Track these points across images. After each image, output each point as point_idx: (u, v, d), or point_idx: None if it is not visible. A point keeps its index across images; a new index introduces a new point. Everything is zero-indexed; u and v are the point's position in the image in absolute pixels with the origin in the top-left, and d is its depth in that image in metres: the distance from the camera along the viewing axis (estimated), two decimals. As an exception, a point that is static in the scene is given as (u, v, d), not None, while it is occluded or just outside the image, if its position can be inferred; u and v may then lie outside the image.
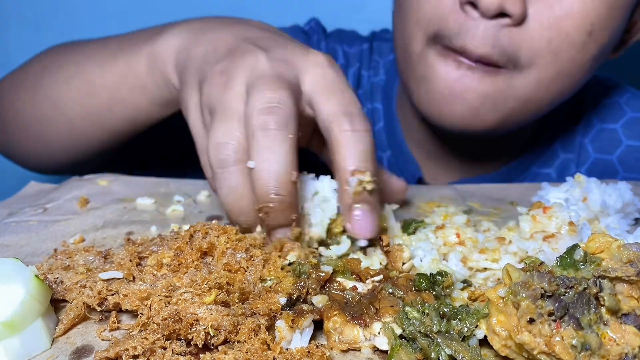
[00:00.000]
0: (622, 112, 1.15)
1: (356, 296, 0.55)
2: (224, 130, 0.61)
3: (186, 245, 0.58)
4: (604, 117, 1.15)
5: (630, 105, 1.15)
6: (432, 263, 0.61)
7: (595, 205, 0.71)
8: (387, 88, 1.21)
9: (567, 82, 0.93)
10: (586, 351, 0.45)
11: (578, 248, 0.50)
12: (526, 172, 1.15)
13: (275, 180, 0.58)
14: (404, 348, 0.49)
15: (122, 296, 0.54)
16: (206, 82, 0.67)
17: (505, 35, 0.85)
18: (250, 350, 0.48)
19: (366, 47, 1.26)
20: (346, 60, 1.24)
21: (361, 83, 1.24)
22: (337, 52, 1.25)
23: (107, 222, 0.78)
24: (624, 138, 1.13)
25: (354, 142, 0.61)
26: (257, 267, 0.56)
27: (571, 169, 1.15)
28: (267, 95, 0.60)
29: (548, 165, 1.15)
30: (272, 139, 0.59)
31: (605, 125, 1.15)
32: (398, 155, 1.18)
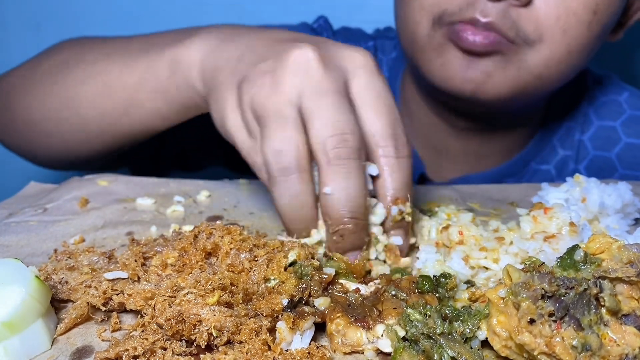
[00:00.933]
0: (621, 110, 1.16)
1: (359, 298, 0.55)
2: (282, 137, 0.61)
3: (190, 246, 0.58)
4: (603, 115, 1.17)
5: (630, 103, 1.17)
6: (435, 264, 0.61)
7: (594, 206, 0.71)
8: (391, 84, 1.22)
9: (575, 60, 0.95)
10: (586, 352, 0.45)
11: (578, 249, 0.50)
12: (526, 168, 1.16)
13: (352, 205, 0.60)
14: (407, 350, 0.49)
15: (127, 296, 0.54)
16: (247, 82, 0.65)
17: (513, 12, 0.88)
18: (250, 350, 0.48)
19: (371, 45, 1.27)
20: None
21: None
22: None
23: (107, 222, 0.78)
24: (623, 136, 1.15)
25: (398, 170, 0.63)
26: (261, 268, 0.56)
27: (570, 166, 1.16)
28: (336, 123, 0.60)
29: (547, 162, 1.16)
30: (348, 167, 0.60)
31: (604, 122, 1.16)
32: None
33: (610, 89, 1.19)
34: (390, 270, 0.64)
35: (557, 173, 1.16)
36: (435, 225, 0.69)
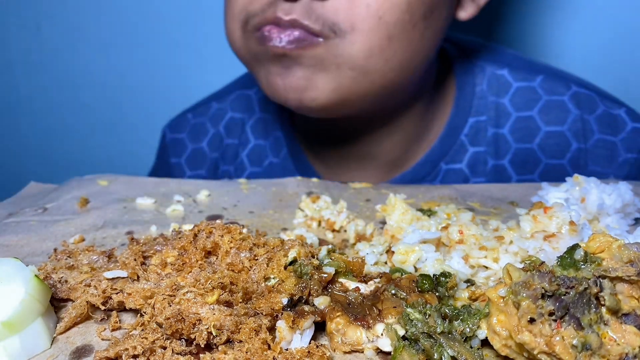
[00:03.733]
0: (536, 97, 1.10)
1: (359, 297, 0.55)
2: None
3: (190, 245, 0.58)
4: (519, 105, 1.10)
5: (545, 88, 1.10)
6: (435, 263, 0.61)
7: (593, 206, 0.71)
8: (283, 114, 1.20)
9: (403, 46, 0.89)
10: (586, 351, 0.45)
11: (578, 248, 0.50)
12: (436, 169, 1.12)
13: None
14: (407, 349, 0.49)
15: (127, 295, 0.54)
16: None
17: (318, 6, 0.84)
18: (250, 350, 0.48)
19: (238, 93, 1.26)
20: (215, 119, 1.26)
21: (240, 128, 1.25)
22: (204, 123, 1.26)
23: (107, 222, 0.78)
24: (542, 124, 1.09)
25: None
26: (261, 266, 0.56)
27: (488, 162, 1.11)
28: None
29: (458, 161, 1.11)
30: None
31: (521, 113, 1.10)
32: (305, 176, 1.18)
33: (523, 75, 1.12)
34: (390, 269, 0.64)
35: (471, 171, 1.11)
36: (435, 224, 0.68)
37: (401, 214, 0.71)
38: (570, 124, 1.09)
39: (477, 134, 1.11)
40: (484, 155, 1.11)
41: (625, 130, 1.07)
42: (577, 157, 1.09)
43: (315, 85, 0.89)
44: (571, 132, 1.09)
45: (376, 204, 0.84)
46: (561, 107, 1.09)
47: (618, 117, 1.08)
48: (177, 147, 1.27)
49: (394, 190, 0.90)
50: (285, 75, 0.89)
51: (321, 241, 0.73)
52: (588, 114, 1.09)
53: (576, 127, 1.08)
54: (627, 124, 1.07)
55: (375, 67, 0.89)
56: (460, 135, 1.11)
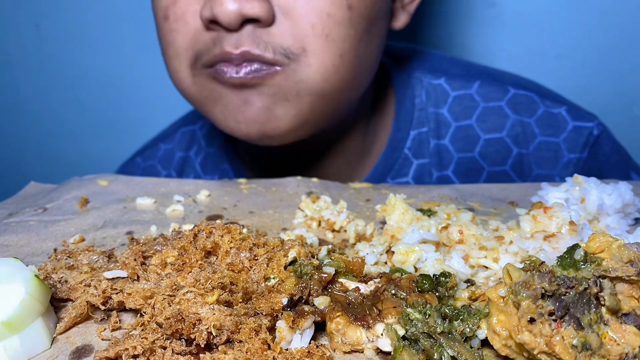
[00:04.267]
0: (474, 105, 1.09)
1: (359, 297, 0.55)
2: None
3: (190, 245, 0.58)
4: (457, 114, 1.09)
5: (482, 94, 1.09)
6: (435, 263, 0.61)
7: (592, 207, 0.71)
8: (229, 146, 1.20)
9: (354, 62, 0.88)
10: (586, 351, 0.45)
11: (578, 248, 0.50)
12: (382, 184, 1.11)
13: None
14: (407, 349, 0.49)
15: (127, 295, 0.54)
16: None
17: (263, 33, 0.82)
18: (250, 350, 0.48)
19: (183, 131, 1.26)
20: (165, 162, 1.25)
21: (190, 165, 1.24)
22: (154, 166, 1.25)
23: (107, 222, 0.78)
24: (480, 133, 1.08)
25: None
26: (261, 266, 0.56)
27: (433, 174, 1.10)
28: None
29: (404, 174, 1.11)
30: None
31: (460, 122, 1.09)
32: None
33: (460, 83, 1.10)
34: (390, 269, 0.64)
35: (416, 183, 1.10)
36: (435, 224, 0.68)
37: (401, 214, 0.71)
38: (509, 130, 1.08)
39: (420, 145, 1.10)
40: (429, 167, 1.10)
41: (567, 129, 1.06)
42: (519, 162, 1.08)
43: (276, 115, 0.88)
44: (510, 138, 1.08)
45: (376, 204, 0.84)
46: (499, 113, 1.08)
47: (559, 117, 1.07)
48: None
49: (394, 190, 0.90)
50: (245, 108, 0.87)
51: (321, 241, 0.73)
52: (528, 117, 1.08)
53: (515, 132, 1.08)
54: (568, 123, 1.06)
55: (332, 87, 0.88)
56: (404, 149, 1.10)
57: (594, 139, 1.06)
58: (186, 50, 0.87)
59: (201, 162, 1.24)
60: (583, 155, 1.06)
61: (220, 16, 0.79)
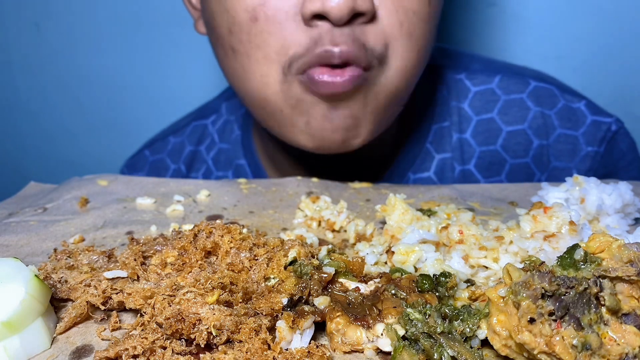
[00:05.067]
0: (495, 98, 1.09)
1: (359, 297, 0.55)
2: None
3: (190, 245, 0.58)
4: (478, 108, 1.09)
5: (503, 87, 1.09)
6: (435, 263, 0.61)
7: (592, 207, 0.71)
8: (245, 142, 1.19)
9: (424, 59, 0.89)
10: (586, 351, 0.45)
11: (578, 248, 0.50)
12: (404, 180, 1.11)
13: None
14: (407, 349, 0.49)
15: (126, 295, 0.54)
16: None
17: (360, 32, 0.80)
18: (250, 349, 0.48)
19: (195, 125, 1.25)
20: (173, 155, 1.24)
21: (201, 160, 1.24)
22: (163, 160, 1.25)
23: (107, 222, 0.78)
24: (502, 125, 1.08)
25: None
26: (261, 266, 0.56)
27: (455, 168, 1.10)
28: None
29: (425, 169, 1.10)
30: None
31: (481, 116, 1.09)
32: None
33: (481, 78, 1.10)
34: (390, 269, 0.64)
35: (439, 179, 1.10)
36: (435, 224, 0.68)
37: (401, 214, 0.71)
38: (531, 121, 1.08)
39: (442, 140, 1.10)
40: (451, 161, 1.10)
41: (586, 123, 1.06)
42: (539, 154, 1.09)
43: (359, 121, 0.86)
44: (532, 130, 1.08)
45: (376, 204, 0.84)
46: (520, 105, 1.08)
47: (578, 111, 1.07)
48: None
49: (394, 190, 0.90)
50: (333, 117, 0.85)
51: (321, 241, 0.73)
52: (548, 109, 1.08)
53: (537, 124, 1.08)
54: (587, 117, 1.06)
55: (406, 87, 0.88)
56: (426, 143, 1.10)
57: (612, 135, 1.06)
58: (279, 53, 0.81)
59: (214, 157, 1.23)
60: (600, 150, 1.06)
61: (333, 10, 0.76)
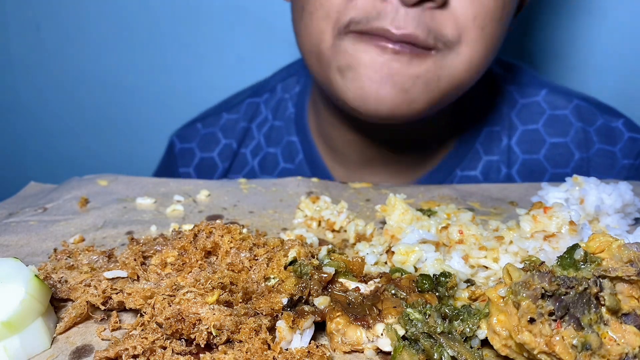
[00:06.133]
0: (541, 111, 1.15)
1: (359, 297, 0.55)
2: None
3: (190, 245, 0.58)
4: (525, 119, 1.16)
5: (548, 102, 1.16)
6: (435, 263, 0.61)
7: (591, 208, 0.71)
8: (299, 119, 1.21)
9: (491, 58, 0.93)
10: (586, 351, 0.45)
11: (578, 248, 0.50)
12: (451, 176, 1.14)
13: None
14: (407, 349, 0.49)
15: (126, 295, 0.54)
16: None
17: (428, 16, 0.83)
18: (250, 349, 0.48)
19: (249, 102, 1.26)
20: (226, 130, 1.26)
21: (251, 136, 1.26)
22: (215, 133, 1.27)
23: (107, 222, 0.78)
24: (546, 137, 1.14)
25: None
26: (261, 266, 0.56)
27: (501, 170, 1.15)
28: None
29: (472, 168, 1.15)
30: None
31: (527, 126, 1.15)
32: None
33: (528, 91, 1.17)
34: (390, 269, 0.64)
35: (484, 178, 1.14)
36: (435, 224, 0.68)
37: (401, 214, 0.71)
38: (573, 136, 1.14)
39: (491, 142, 1.15)
40: (497, 163, 1.15)
41: (623, 139, 1.13)
42: (580, 166, 1.14)
43: (411, 98, 0.88)
44: (574, 143, 1.14)
45: (376, 204, 0.84)
46: (564, 121, 1.15)
47: (616, 129, 1.14)
48: (186, 157, 1.28)
49: (394, 190, 0.90)
50: (383, 87, 0.86)
51: (321, 241, 0.73)
52: (589, 126, 1.14)
53: (578, 138, 1.14)
54: (624, 134, 1.13)
55: (470, 79, 0.92)
56: (476, 143, 1.15)
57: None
58: (340, 13, 0.86)
59: (265, 133, 1.25)
60: (636, 162, 1.12)
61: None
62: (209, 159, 1.26)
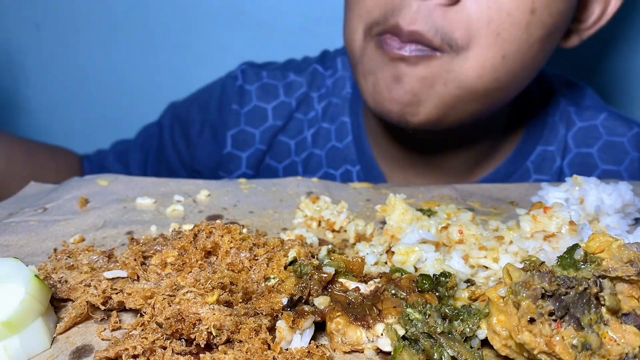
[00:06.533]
0: (597, 135, 1.12)
1: (359, 297, 0.55)
2: None
3: (190, 245, 0.58)
4: (580, 141, 1.13)
5: (606, 127, 1.13)
6: (435, 263, 0.61)
7: (591, 208, 0.71)
8: (353, 101, 1.21)
9: (516, 67, 0.88)
10: (586, 351, 0.45)
11: (578, 248, 0.50)
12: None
13: None
14: (407, 349, 0.49)
15: (126, 295, 0.54)
16: None
17: (439, 14, 0.83)
18: (250, 350, 0.48)
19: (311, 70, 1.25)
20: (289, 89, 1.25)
21: (311, 105, 1.25)
22: (277, 87, 1.25)
23: (107, 222, 0.78)
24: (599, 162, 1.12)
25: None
26: (261, 266, 0.56)
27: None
28: None
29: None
30: None
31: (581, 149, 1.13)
32: (367, 169, 1.18)
33: (588, 114, 1.14)
34: (390, 269, 0.64)
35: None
36: (435, 224, 0.68)
37: (401, 214, 0.71)
38: (627, 165, 1.11)
39: (543, 162, 1.13)
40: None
41: None
42: None
43: (419, 101, 0.89)
44: (627, 173, 1.11)
45: (376, 204, 0.84)
46: (620, 149, 1.11)
47: None
48: (243, 96, 1.25)
49: (394, 190, 0.90)
50: (394, 87, 0.89)
51: (321, 241, 0.73)
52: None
53: (632, 169, 1.10)
54: None
55: (485, 86, 0.89)
56: (527, 161, 1.13)
57: None
58: (369, 13, 0.89)
59: (324, 107, 1.24)
60: None
61: None
62: (262, 110, 1.24)
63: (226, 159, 1.24)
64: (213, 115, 1.25)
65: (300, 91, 1.24)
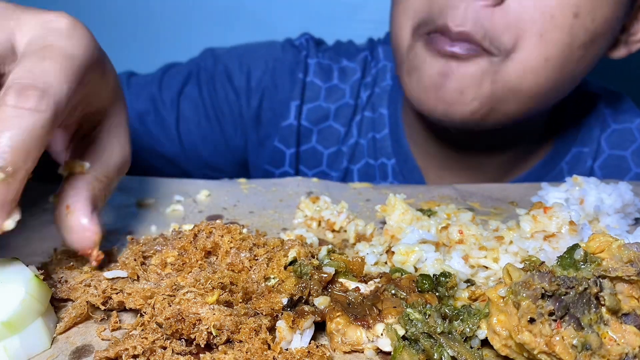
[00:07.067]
0: (632, 139, 1.13)
1: (359, 297, 0.55)
2: None
3: (190, 245, 0.58)
4: (614, 143, 1.13)
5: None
6: (435, 263, 0.61)
7: (590, 208, 0.71)
8: (392, 93, 1.21)
9: (556, 70, 0.89)
10: (587, 351, 0.45)
11: (578, 248, 0.50)
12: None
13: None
14: (407, 349, 0.49)
15: (127, 295, 0.54)
16: None
17: (487, 15, 0.84)
18: (250, 350, 0.48)
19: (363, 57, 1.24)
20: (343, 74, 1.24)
21: (359, 93, 1.24)
22: (332, 69, 1.24)
23: (107, 222, 0.78)
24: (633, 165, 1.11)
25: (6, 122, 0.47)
26: (261, 266, 0.56)
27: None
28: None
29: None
30: None
31: (614, 151, 1.13)
32: (402, 163, 1.18)
33: (624, 117, 1.15)
34: (390, 269, 0.64)
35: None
36: (435, 224, 0.69)
37: (401, 214, 0.71)
38: None
39: (577, 164, 1.13)
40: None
41: None
42: None
43: (465, 100, 0.90)
44: None
45: (376, 204, 0.84)
46: None
47: None
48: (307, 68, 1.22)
49: (394, 190, 0.90)
50: (440, 86, 0.90)
51: (321, 241, 0.73)
52: None
53: None
54: None
55: (527, 87, 0.90)
56: (561, 162, 1.13)
57: None
58: (417, 12, 0.90)
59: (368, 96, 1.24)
60: None
61: None
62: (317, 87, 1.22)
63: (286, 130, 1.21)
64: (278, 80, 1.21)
65: (354, 78, 1.24)
